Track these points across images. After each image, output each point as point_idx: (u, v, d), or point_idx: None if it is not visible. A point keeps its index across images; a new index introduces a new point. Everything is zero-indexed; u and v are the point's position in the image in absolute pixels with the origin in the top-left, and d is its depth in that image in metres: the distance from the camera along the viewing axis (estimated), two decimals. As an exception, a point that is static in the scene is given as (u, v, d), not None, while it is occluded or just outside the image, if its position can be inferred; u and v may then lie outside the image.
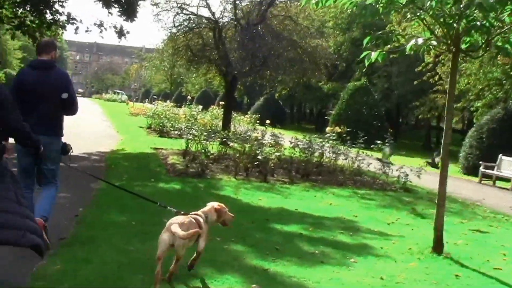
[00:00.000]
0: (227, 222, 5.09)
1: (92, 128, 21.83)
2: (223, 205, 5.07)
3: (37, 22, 14.93)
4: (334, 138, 13.29)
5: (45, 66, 5.52)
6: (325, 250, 6.26)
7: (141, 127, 23.83)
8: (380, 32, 6.64)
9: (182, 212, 4.86)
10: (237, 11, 18.62)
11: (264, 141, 12.60)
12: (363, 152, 13.38)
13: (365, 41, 6.51)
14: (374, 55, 6.43)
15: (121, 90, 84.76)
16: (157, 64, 25.20)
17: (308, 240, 6.67)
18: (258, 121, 21.38)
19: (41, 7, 14.45)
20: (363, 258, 6.08)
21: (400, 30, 16.19)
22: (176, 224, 4.46)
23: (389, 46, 6.72)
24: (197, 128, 13.92)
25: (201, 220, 4.75)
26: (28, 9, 14.92)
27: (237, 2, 18.57)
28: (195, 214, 4.81)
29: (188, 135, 13.31)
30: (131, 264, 5.11)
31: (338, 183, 11.78)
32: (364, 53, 6.47)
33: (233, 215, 5.15)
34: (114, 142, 17.37)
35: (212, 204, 5.01)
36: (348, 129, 13.57)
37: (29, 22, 14.98)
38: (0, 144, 4.36)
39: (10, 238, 4.01)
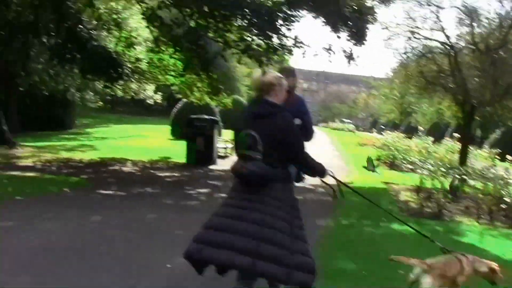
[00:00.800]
0: (496, 281, 4.79)
1: (320, 158, 21.60)
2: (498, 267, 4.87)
3: (263, 46, 15.02)
4: None
5: None
6: None
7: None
8: None
9: (448, 249, 4.84)
10: (474, 35, 17.30)
11: (510, 180, 11.12)
12: None
13: None
14: None
15: (348, 119, 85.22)
16: (387, 92, 24.53)
17: None
18: (497, 157, 19.47)
19: (267, 31, 14.48)
20: None
21: None
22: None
23: None
24: (432, 163, 12.92)
25: (464, 260, 4.65)
26: (255, 33, 15.18)
27: (474, 24, 17.26)
28: (461, 255, 4.75)
29: (423, 169, 12.41)
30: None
31: None
32: None
33: (502, 276, 4.78)
34: (342, 174, 16.96)
35: (490, 262, 4.86)
36: None
37: (255, 46, 15.17)
38: (285, 170, 4.39)
39: (278, 274, 3.95)
